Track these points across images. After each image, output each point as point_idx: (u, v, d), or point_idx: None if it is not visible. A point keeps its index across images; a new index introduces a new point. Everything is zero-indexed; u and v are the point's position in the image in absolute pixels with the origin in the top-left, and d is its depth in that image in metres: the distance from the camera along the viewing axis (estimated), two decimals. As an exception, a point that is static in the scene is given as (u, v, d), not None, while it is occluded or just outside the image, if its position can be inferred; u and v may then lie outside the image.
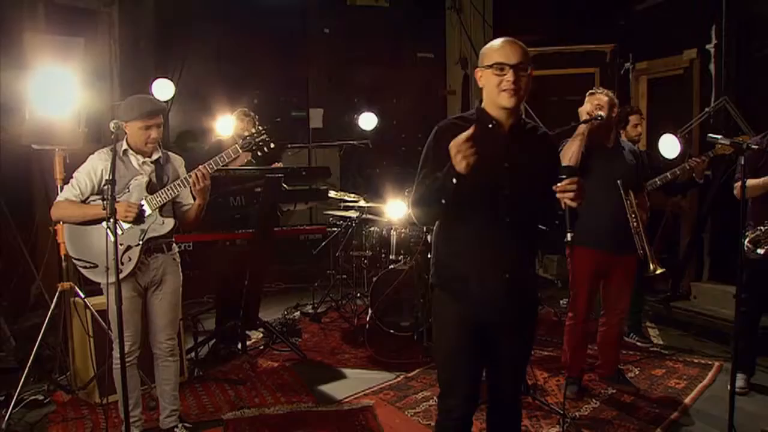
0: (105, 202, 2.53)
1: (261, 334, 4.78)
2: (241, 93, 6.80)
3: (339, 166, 7.12)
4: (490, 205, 2.07)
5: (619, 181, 3.41)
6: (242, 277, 4.42)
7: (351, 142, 6.06)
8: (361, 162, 7.07)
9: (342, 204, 5.33)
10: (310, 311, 5.42)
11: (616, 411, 3.46)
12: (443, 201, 1.96)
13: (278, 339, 4.54)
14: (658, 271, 3.51)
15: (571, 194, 1.95)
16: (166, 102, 5.67)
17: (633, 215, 3.43)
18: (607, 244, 3.48)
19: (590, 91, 3.58)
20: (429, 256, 2.79)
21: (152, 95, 4.69)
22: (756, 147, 2.76)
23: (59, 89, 3.40)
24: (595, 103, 3.47)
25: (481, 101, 2.18)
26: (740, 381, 3.68)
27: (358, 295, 5.13)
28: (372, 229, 5.07)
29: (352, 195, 5.24)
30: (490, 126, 2.11)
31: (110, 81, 5.40)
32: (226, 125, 4.80)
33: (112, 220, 2.51)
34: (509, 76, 2.03)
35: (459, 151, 1.86)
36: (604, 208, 3.45)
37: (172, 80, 6.12)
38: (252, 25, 6.81)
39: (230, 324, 4.40)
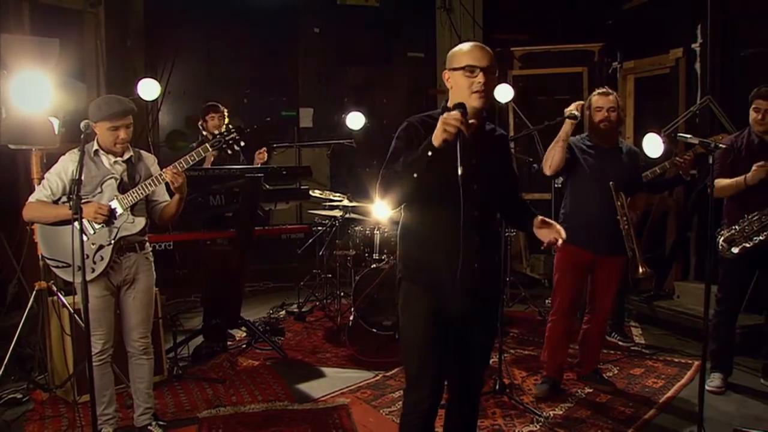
0: (70, 201, 2.54)
1: (244, 333, 4.80)
2: (230, 92, 6.82)
3: (329, 166, 7.15)
4: (460, 199, 2.09)
5: (611, 183, 3.38)
6: (224, 276, 4.45)
7: (338, 141, 6.07)
8: (350, 161, 7.08)
9: (327, 203, 5.34)
10: (296, 310, 5.44)
11: (591, 410, 3.46)
12: (415, 175, 2.02)
13: (260, 338, 4.55)
14: (648, 273, 3.47)
15: None
16: (154, 101, 5.70)
17: (624, 217, 3.39)
18: (595, 245, 3.46)
19: (599, 91, 3.52)
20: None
21: (137, 95, 4.77)
22: (723, 146, 2.76)
23: (37, 89, 3.41)
24: (600, 106, 3.44)
25: (446, 102, 2.23)
26: (717, 380, 3.68)
27: (342, 294, 5.14)
28: (357, 228, 5.08)
29: (338, 194, 5.25)
30: None
31: (96, 81, 5.42)
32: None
33: (79, 219, 2.52)
34: (480, 78, 2.12)
35: (446, 121, 1.94)
36: (595, 208, 3.44)
37: (161, 80, 6.16)
38: (242, 24, 6.82)
39: (212, 323, 4.43)
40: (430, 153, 1.99)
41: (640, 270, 3.42)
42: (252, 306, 5.70)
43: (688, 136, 2.91)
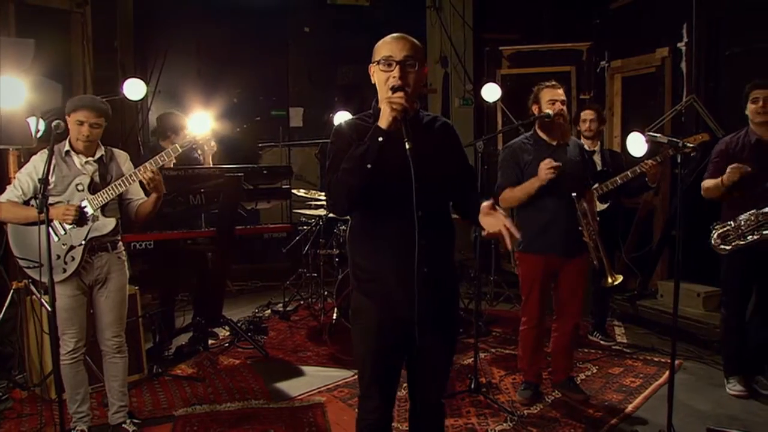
0: (37, 201, 2.55)
1: (228, 332, 4.82)
2: (220, 92, 6.84)
3: (318, 165, 7.15)
4: (401, 200, 2.01)
5: (573, 195, 3.31)
6: (205, 275, 4.47)
7: (326, 140, 6.06)
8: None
9: (313, 203, 5.35)
10: (281, 309, 5.45)
11: (564, 410, 3.47)
12: (369, 166, 1.97)
13: (243, 337, 4.57)
14: (616, 283, 3.42)
15: None
16: (143, 100, 5.71)
17: (588, 227, 3.32)
18: (557, 249, 3.39)
19: (547, 84, 3.42)
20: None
21: (123, 95, 4.78)
22: (691, 146, 2.75)
23: (12, 90, 3.42)
24: (554, 98, 3.35)
25: (375, 101, 2.15)
26: (738, 384, 3.60)
27: (326, 293, 5.15)
28: (342, 227, 5.10)
29: (323, 193, 5.26)
30: None
31: (83, 81, 5.44)
32: (201, 123, 4.84)
33: (45, 218, 2.54)
34: (395, 72, 2.01)
35: (391, 100, 1.94)
36: (552, 211, 3.35)
37: (150, 79, 6.18)
38: (231, 23, 6.84)
39: (194, 321, 4.45)
40: (381, 138, 1.95)
41: (609, 280, 3.38)
42: (239, 305, 5.73)
43: (658, 135, 2.91)
